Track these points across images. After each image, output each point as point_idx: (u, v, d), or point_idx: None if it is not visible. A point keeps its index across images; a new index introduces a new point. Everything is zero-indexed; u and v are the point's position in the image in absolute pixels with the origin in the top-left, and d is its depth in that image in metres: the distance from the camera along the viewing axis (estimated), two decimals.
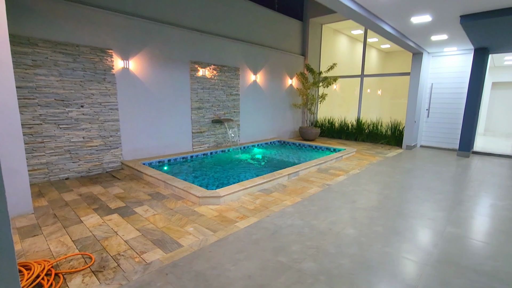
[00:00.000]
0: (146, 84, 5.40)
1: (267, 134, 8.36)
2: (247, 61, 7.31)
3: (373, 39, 12.06)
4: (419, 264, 2.30)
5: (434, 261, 2.35)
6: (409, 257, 2.40)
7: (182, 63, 5.91)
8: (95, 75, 4.66)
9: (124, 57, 5.01)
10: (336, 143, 8.36)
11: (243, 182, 4.06)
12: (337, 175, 4.96)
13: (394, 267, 2.25)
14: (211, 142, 6.75)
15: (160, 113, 5.69)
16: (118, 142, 5.11)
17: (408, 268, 2.25)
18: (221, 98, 6.78)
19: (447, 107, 7.32)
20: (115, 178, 4.69)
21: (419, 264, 2.30)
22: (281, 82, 8.56)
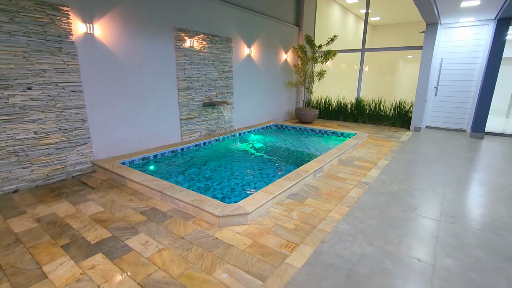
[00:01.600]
0: (120, 57, 4.06)
1: (262, 118, 7.35)
2: (240, 30, 6.08)
3: (364, 10, 11.23)
4: None
5: None
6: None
7: (164, 30, 4.58)
8: (46, 43, 3.26)
9: (87, 19, 3.61)
10: (337, 125, 7.62)
11: (268, 188, 3.10)
12: (366, 168, 4.19)
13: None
14: (203, 130, 5.61)
15: (140, 96, 4.41)
16: (86, 136, 3.82)
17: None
18: (213, 76, 5.58)
19: (457, 85, 6.82)
20: (86, 186, 3.47)
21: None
22: (276, 57, 7.47)
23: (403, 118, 7.35)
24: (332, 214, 2.76)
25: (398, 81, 12.93)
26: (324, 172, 4.00)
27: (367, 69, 13.13)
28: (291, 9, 7.85)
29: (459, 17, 6.05)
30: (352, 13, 11.24)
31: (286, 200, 3.08)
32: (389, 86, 12.69)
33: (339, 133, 6.41)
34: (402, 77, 12.96)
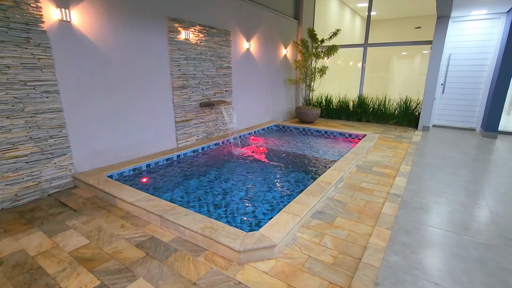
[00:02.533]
0: (104, 50, 3.42)
1: (261, 118, 6.82)
2: (239, 22, 5.50)
3: (362, 4, 10.86)
4: None
5: None
6: None
7: (156, 20, 3.95)
8: (9, 32, 2.60)
9: (62, 2, 2.96)
10: (341, 125, 7.19)
11: (290, 207, 2.59)
12: (389, 175, 3.74)
13: None
14: (200, 133, 5.02)
15: (129, 96, 3.78)
16: (65, 145, 3.18)
17: None
18: (210, 73, 4.99)
19: (466, 82, 6.51)
20: (66, 207, 2.85)
21: None
22: (275, 52, 6.93)
23: (410, 117, 7.00)
24: (373, 239, 2.27)
25: (392, 77, 12.70)
26: (345, 182, 3.52)
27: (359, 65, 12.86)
28: (290, 1, 7.31)
29: (472, 10, 5.71)
30: (348, 7, 10.84)
31: (313, 221, 2.57)
32: (384, 82, 12.45)
33: (347, 134, 5.97)
34: (396, 73, 12.75)
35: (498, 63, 5.71)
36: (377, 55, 11.36)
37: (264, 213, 2.82)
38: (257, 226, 2.61)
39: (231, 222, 2.65)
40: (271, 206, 2.96)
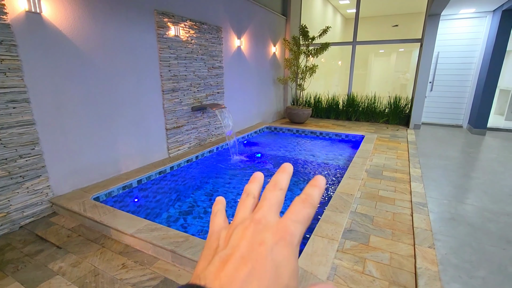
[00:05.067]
0: (83, 49, 2.86)
1: (253, 120, 6.45)
2: (229, 17, 5.07)
3: (344, 1, 10.83)
4: None
5: None
6: None
7: (143, 14, 3.43)
8: None
9: None
10: (332, 124, 7.03)
11: (321, 229, 2.28)
12: (402, 180, 3.57)
13: None
14: (193, 140, 4.55)
15: (113, 102, 3.24)
16: (39, 166, 2.60)
17: None
18: (202, 73, 4.53)
19: (453, 79, 6.62)
20: (46, 243, 2.31)
21: None
22: (265, 50, 6.58)
23: (399, 115, 7.01)
24: (420, 263, 2.02)
25: (369, 75, 12.90)
26: (361, 190, 3.28)
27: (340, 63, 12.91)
28: None
29: (461, 8, 5.76)
30: (330, 5, 10.75)
31: (346, 243, 2.28)
32: (362, 79, 12.60)
33: (344, 135, 5.80)
34: (373, 71, 12.97)
35: (485, 61, 5.83)
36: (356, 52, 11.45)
37: None
38: None
39: None
40: None
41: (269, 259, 0.24)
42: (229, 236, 0.28)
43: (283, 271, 0.24)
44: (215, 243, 0.29)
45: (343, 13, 12.33)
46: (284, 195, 0.31)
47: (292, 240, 0.26)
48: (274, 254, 0.25)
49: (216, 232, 0.31)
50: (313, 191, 0.29)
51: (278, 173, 0.32)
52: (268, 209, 0.29)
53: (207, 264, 0.26)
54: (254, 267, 0.24)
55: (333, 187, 3.42)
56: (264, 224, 0.27)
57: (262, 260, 0.25)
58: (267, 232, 0.26)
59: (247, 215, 0.30)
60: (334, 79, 12.36)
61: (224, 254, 0.26)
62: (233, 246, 0.27)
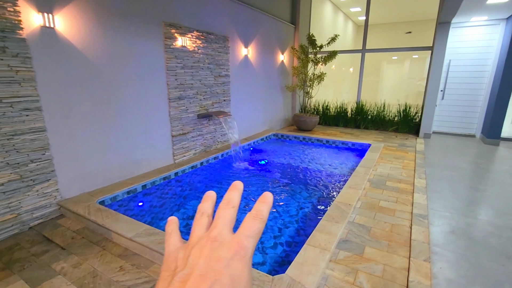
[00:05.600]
0: (93, 60, 3.02)
1: (259, 127, 6.52)
2: (237, 27, 5.20)
3: (355, 9, 10.82)
4: None
5: None
6: None
7: (151, 26, 3.59)
8: None
9: (44, 7, 2.56)
10: (339, 132, 6.99)
11: (314, 238, 2.29)
12: (405, 191, 3.52)
13: None
14: (198, 147, 4.66)
15: (120, 109, 3.39)
16: (49, 170, 2.76)
17: None
18: (208, 82, 4.65)
19: (466, 88, 6.46)
20: (52, 244, 2.43)
21: None
22: (273, 58, 6.67)
23: (409, 124, 6.89)
24: (414, 276, 2.00)
25: (382, 82, 12.73)
26: (361, 200, 3.26)
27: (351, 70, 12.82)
28: (287, 6, 7.09)
29: (472, 16, 5.65)
30: (341, 12, 10.76)
31: (340, 253, 2.28)
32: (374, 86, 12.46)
33: (350, 143, 5.76)
34: (386, 78, 12.79)
35: (499, 69, 5.67)
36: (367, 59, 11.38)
37: (283, 243, 2.51)
38: (279, 258, 2.30)
39: None
40: (289, 233, 2.65)
41: (226, 274, 0.27)
42: (187, 256, 0.29)
43: (238, 283, 0.27)
44: (173, 264, 0.29)
45: (355, 20, 12.30)
46: (236, 212, 0.33)
47: (246, 254, 0.28)
48: (230, 269, 0.27)
49: (173, 252, 0.31)
50: (262, 207, 0.32)
51: (229, 191, 0.34)
52: (222, 227, 0.31)
53: (167, 285, 0.27)
54: (213, 284, 0.26)
55: (330, 194, 3.42)
56: (220, 241, 0.29)
57: (220, 276, 0.26)
58: (223, 248, 0.28)
59: (202, 234, 0.31)
60: (344, 86, 12.29)
61: (183, 274, 0.27)
62: (191, 265, 0.28)
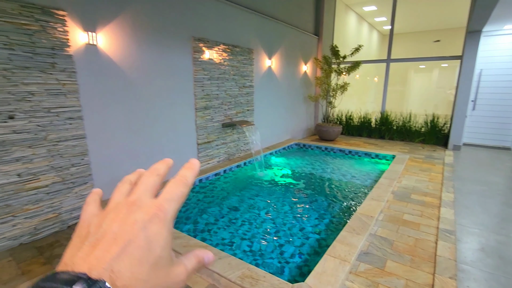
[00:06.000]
0: (128, 73, 3.28)
1: (281, 136, 6.59)
2: (261, 40, 5.37)
3: (380, 18, 10.70)
4: None
5: None
6: None
7: (181, 40, 3.83)
8: (34, 58, 2.47)
9: (89, 26, 2.84)
10: (363, 143, 6.88)
11: (334, 249, 2.30)
12: (431, 205, 3.41)
13: None
14: (222, 155, 4.81)
15: (151, 119, 3.62)
16: (87, 174, 3.00)
17: None
18: (233, 92, 4.82)
19: (499, 98, 6.16)
20: None
21: None
22: (296, 69, 6.76)
23: (437, 135, 6.65)
24: None
25: (409, 91, 12.36)
26: (384, 213, 3.21)
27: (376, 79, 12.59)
28: (311, 17, 7.20)
29: (505, 24, 5.43)
30: (366, 22, 10.69)
31: (360, 265, 2.27)
32: (400, 96, 12.13)
33: (373, 154, 5.66)
34: (413, 87, 12.40)
35: None
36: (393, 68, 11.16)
37: (303, 253, 2.54)
38: (298, 269, 2.33)
39: (266, 262, 2.38)
40: (309, 243, 2.67)
41: (141, 236, 0.26)
42: (101, 221, 0.28)
43: (155, 244, 0.27)
44: (86, 230, 0.28)
45: (380, 30, 12.14)
46: (161, 180, 0.32)
47: (165, 217, 0.28)
48: (147, 231, 0.27)
49: (86, 219, 0.29)
50: (186, 172, 0.32)
51: (156, 163, 0.34)
52: (143, 192, 0.30)
53: (76, 250, 0.26)
54: (126, 246, 0.26)
55: (351, 205, 3.39)
56: (138, 205, 0.28)
57: (134, 238, 0.26)
58: (140, 212, 0.28)
59: (121, 200, 0.30)
60: (369, 95, 12.09)
61: (94, 238, 0.26)
62: (104, 230, 0.27)
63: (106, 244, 0.26)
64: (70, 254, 0.26)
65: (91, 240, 0.27)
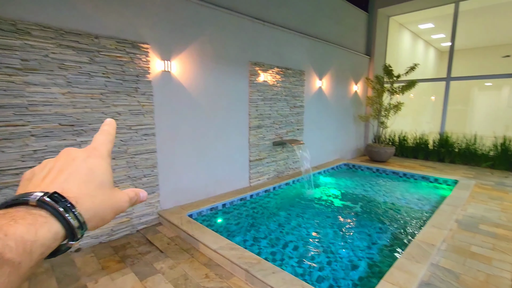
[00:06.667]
0: (193, 95, 3.66)
1: (330, 155, 6.52)
2: (312, 61, 5.53)
3: (437, 36, 10.19)
4: None
5: None
6: None
7: (240, 65, 4.17)
8: (123, 84, 2.95)
9: (165, 56, 3.29)
10: (419, 165, 6.45)
11: (392, 275, 2.23)
12: (505, 238, 3.07)
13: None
14: (271, 172, 4.95)
15: (210, 136, 3.94)
16: (155, 184, 3.37)
17: None
18: (284, 112, 5.00)
19: None
20: (153, 246, 2.93)
21: None
22: (346, 89, 6.75)
23: (510, 160, 5.95)
24: None
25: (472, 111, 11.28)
26: (447, 243, 2.98)
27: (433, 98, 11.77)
28: (362, 38, 7.20)
29: None
30: (422, 40, 10.25)
31: None
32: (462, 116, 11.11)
33: (432, 178, 5.28)
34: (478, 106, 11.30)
35: None
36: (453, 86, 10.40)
37: (354, 278, 2.49)
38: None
39: (316, 284, 2.38)
40: (361, 267, 2.61)
41: (83, 166, 0.34)
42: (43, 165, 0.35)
43: (96, 171, 0.35)
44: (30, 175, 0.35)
45: (437, 47, 11.49)
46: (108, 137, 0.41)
47: (100, 153, 0.37)
48: (87, 163, 0.35)
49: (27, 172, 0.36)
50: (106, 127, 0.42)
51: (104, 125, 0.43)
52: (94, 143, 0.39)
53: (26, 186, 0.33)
54: (71, 172, 0.33)
55: (411, 234, 3.21)
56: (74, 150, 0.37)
57: (76, 167, 0.34)
58: (79, 152, 0.36)
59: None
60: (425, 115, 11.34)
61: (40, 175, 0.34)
62: (49, 168, 0.34)
63: (53, 175, 0.33)
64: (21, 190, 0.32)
65: (38, 177, 0.34)
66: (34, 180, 0.34)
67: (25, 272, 0.27)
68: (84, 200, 0.33)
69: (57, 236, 0.30)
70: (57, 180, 0.33)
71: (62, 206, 0.31)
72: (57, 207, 0.30)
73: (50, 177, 0.33)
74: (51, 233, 0.29)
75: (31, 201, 0.30)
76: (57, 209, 0.30)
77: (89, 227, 0.34)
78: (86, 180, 0.34)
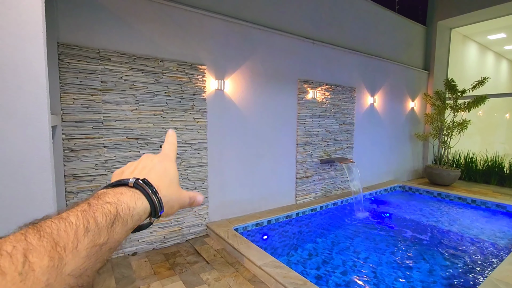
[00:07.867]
0: (243, 112, 3.81)
1: (383, 176, 6.11)
2: (364, 78, 5.36)
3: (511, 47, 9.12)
4: None
5: None
6: None
7: (288, 83, 4.24)
8: (182, 101, 3.21)
9: (220, 76, 3.52)
10: (492, 192, 5.65)
11: None
12: None
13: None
14: (319, 191, 4.81)
15: (257, 152, 4.01)
16: (205, 196, 3.52)
17: None
18: (333, 129, 4.88)
19: None
20: (200, 257, 3.02)
21: None
22: (401, 106, 6.35)
23: None
24: None
25: None
26: None
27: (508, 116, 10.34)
28: (420, 52, 6.78)
29: None
30: (491, 51, 9.25)
31: None
32: None
33: (509, 207, 4.57)
34: None
35: None
36: None
37: None
38: None
39: None
40: None
41: (160, 166, 0.46)
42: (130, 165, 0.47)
43: (169, 170, 0.47)
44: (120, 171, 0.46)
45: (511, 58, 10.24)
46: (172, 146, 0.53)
47: (171, 158, 0.49)
48: (162, 164, 0.47)
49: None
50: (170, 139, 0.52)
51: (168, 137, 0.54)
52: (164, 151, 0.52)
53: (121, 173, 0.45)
54: (152, 169, 0.45)
55: (483, 271, 2.78)
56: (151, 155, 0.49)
57: (155, 166, 0.46)
58: (156, 156, 0.48)
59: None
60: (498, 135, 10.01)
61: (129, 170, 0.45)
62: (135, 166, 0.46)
63: (139, 170, 0.45)
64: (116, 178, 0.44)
65: (127, 171, 0.45)
66: (125, 173, 0.45)
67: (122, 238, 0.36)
68: (161, 189, 0.43)
69: (146, 211, 0.40)
70: (143, 173, 0.44)
71: (151, 189, 0.41)
72: (147, 189, 0.41)
73: (137, 171, 0.45)
74: (143, 206, 0.40)
75: (130, 183, 0.41)
76: (147, 190, 0.41)
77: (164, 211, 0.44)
78: (163, 176, 0.45)
